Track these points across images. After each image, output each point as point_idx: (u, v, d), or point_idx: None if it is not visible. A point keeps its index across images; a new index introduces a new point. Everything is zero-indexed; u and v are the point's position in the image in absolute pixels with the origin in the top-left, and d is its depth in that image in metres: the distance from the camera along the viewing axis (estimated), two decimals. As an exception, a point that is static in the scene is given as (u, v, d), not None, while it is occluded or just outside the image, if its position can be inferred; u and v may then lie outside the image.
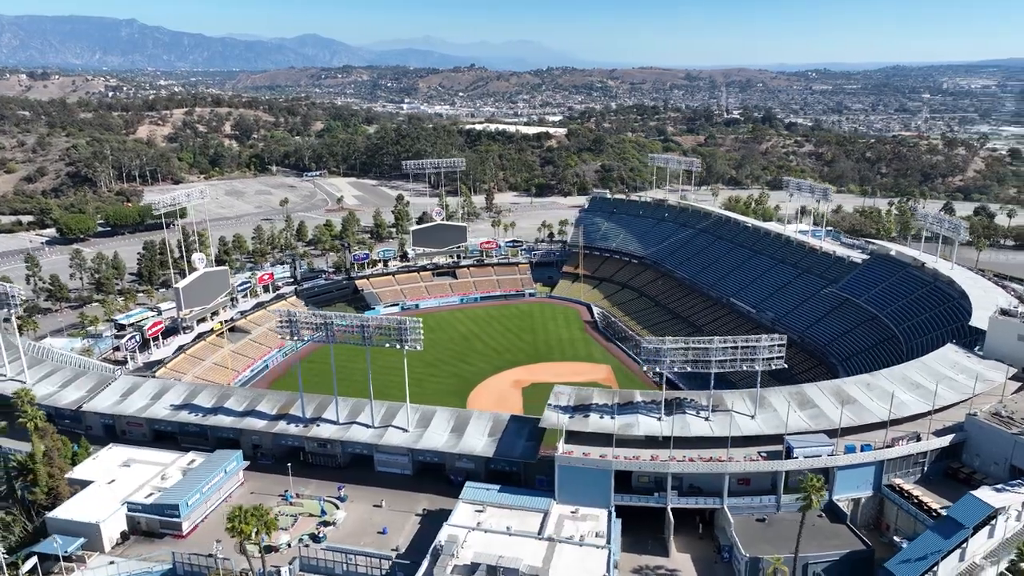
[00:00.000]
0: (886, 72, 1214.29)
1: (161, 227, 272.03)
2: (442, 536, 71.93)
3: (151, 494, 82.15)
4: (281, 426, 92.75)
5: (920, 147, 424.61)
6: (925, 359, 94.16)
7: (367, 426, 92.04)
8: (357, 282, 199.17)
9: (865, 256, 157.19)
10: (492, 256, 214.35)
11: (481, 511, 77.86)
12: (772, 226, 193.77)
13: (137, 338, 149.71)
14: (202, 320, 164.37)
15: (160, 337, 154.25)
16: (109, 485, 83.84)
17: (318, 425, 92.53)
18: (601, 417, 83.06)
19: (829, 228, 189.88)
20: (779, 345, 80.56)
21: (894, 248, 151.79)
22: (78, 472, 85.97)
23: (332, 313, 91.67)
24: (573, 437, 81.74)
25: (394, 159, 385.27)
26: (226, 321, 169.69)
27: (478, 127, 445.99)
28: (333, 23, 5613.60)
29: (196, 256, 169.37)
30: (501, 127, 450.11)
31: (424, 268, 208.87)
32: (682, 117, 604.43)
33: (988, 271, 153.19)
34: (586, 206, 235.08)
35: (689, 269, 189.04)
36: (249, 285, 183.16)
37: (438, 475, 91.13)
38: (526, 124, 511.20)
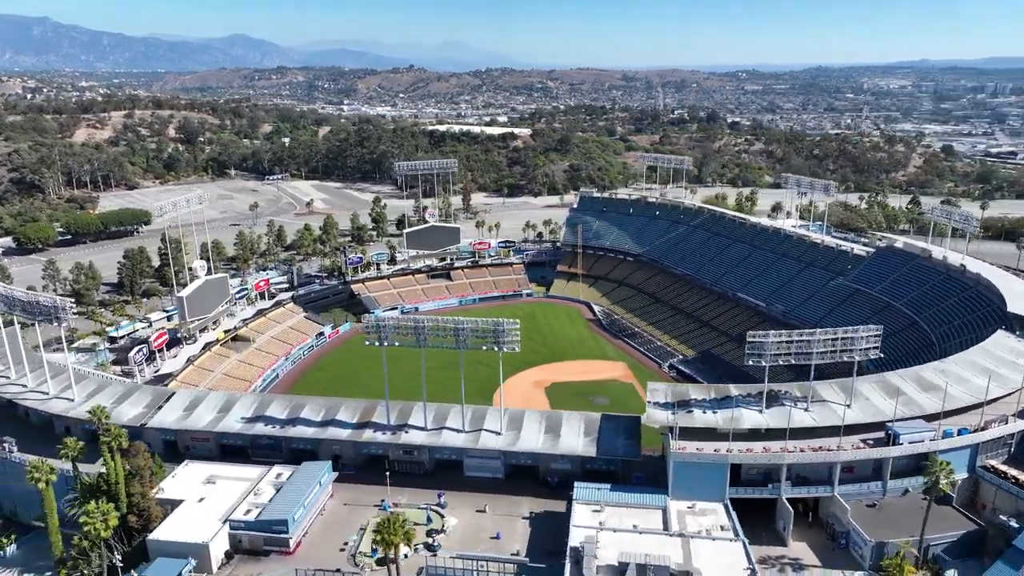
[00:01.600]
0: (810, 73, 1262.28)
1: (124, 235, 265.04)
2: (576, 537, 71.39)
3: (249, 511, 78.73)
4: (368, 434, 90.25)
5: (864, 144, 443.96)
6: (984, 345, 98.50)
7: (457, 431, 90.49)
8: (353, 286, 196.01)
9: (869, 249, 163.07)
10: (485, 257, 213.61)
11: (599, 511, 77.62)
12: (767, 221, 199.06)
13: (144, 350, 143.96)
14: (203, 330, 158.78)
15: (165, 349, 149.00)
16: (200, 503, 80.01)
17: (407, 432, 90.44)
18: (704, 412, 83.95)
19: (819, 223, 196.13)
20: (875, 336, 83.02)
21: (900, 240, 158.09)
22: (165, 491, 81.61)
23: (425, 317, 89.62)
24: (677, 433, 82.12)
25: (357, 161, 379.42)
26: (229, 330, 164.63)
27: (441, 128, 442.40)
28: (261, 23, 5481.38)
29: (197, 263, 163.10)
30: (464, 128, 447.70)
31: (419, 270, 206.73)
32: (629, 117, 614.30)
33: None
34: (575, 205, 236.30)
35: (689, 265, 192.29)
36: (245, 292, 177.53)
37: (530, 477, 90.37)
38: (486, 124, 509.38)
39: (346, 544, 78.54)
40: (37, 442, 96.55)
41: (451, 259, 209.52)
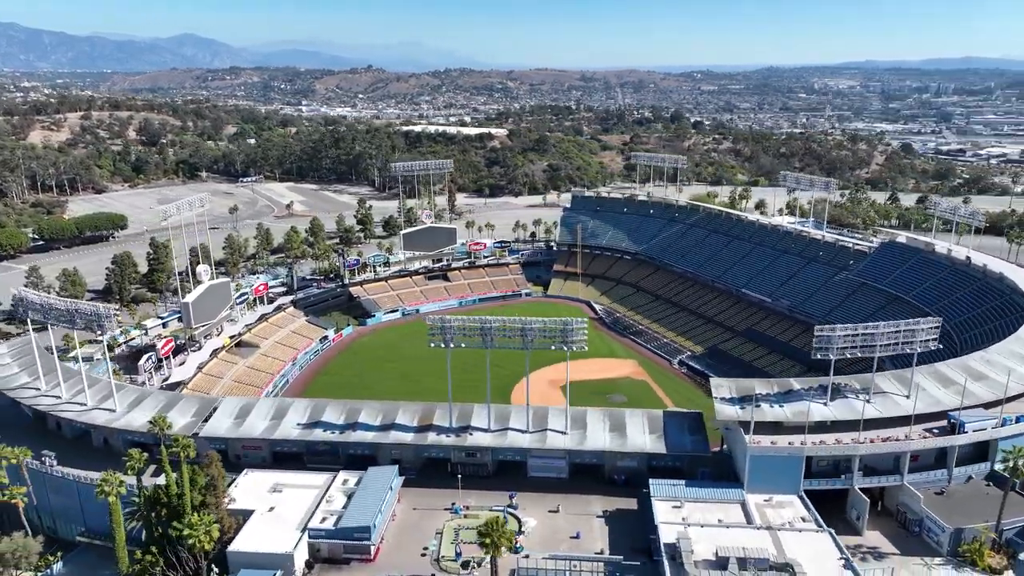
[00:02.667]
0: (762, 73, 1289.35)
1: (99, 240, 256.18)
2: (668, 534, 71.51)
3: (325, 518, 76.85)
4: (432, 437, 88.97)
5: (828, 143, 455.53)
6: (1019, 334, 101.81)
7: (522, 431, 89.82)
8: (351, 289, 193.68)
9: (869, 244, 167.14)
10: (481, 257, 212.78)
11: (679, 507, 77.90)
12: (764, 219, 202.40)
13: (153, 358, 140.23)
14: (208, 336, 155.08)
15: (172, 356, 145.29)
16: (271, 512, 77.83)
17: (471, 434, 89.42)
18: (771, 406, 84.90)
19: (813, 219, 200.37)
20: (934, 327, 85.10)
21: (903, 235, 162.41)
22: (236, 501, 79.16)
23: (491, 317, 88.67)
24: (744, 427, 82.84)
25: (332, 163, 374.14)
26: (234, 336, 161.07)
27: (416, 128, 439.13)
28: (211, 23, 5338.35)
29: (201, 268, 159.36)
30: (440, 128, 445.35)
31: (416, 272, 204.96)
32: (595, 117, 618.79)
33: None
34: (568, 205, 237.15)
35: (689, 263, 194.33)
36: (245, 297, 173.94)
37: (591, 476, 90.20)
38: (461, 125, 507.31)
39: (426, 549, 77.28)
40: (72, 455, 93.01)
41: (448, 260, 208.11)
